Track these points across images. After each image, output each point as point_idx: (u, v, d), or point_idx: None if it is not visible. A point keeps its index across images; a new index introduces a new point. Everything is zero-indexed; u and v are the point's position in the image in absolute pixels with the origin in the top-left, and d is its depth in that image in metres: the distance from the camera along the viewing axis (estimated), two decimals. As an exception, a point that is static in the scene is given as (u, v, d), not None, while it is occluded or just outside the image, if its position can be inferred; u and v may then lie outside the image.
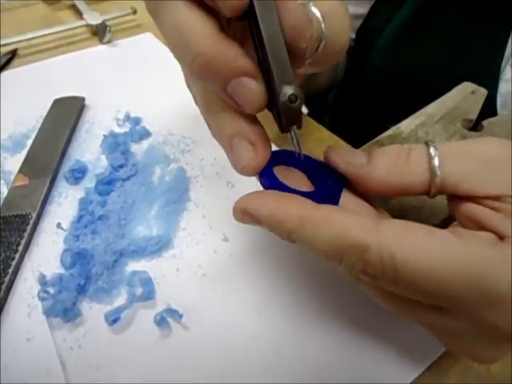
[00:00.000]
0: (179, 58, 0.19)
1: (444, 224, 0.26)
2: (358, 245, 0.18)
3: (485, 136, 0.27)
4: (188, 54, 0.18)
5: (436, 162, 0.19)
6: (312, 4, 0.20)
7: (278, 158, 0.22)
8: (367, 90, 0.51)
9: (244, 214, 0.20)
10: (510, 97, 0.39)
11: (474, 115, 0.33)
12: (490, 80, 0.39)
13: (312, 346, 0.25)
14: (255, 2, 0.17)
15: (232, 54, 0.18)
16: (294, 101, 0.18)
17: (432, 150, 0.20)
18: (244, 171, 0.20)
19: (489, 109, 0.39)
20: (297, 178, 0.22)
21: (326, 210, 0.19)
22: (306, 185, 0.22)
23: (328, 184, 0.22)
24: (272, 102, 0.19)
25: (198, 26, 0.18)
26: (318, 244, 0.19)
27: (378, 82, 0.49)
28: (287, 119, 0.19)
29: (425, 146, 0.20)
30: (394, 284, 0.18)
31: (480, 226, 0.19)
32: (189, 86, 0.24)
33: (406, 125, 0.33)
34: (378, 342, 0.25)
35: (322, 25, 0.19)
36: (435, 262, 0.17)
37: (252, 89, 0.18)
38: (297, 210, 0.19)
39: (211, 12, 0.18)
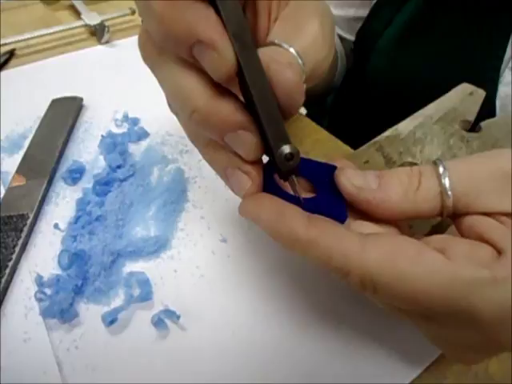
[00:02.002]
0: (177, 110, 0.20)
1: (437, 227, 0.26)
2: (340, 269, 0.18)
3: (497, 149, 0.26)
4: (185, 110, 0.18)
5: (447, 182, 0.19)
6: (290, 46, 0.20)
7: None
8: (367, 92, 0.51)
9: (246, 216, 0.21)
10: (508, 99, 0.39)
11: (472, 116, 0.33)
12: (489, 83, 0.39)
13: (310, 347, 0.25)
14: (244, 70, 0.17)
15: (227, 110, 0.18)
16: (291, 159, 0.19)
17: (441, 170, 0.19)
18: (244, 198, 0.21)
19: (488, 112, 0.39)
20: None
21: (314, 232, 0.19)
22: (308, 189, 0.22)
23: (331, 190, 0.22)
24: (269, 150, 0.19)
25: (194, 83, 0.18)
26: (308, 259, 0.19)
27: (377, 83, 0.49)
28: (285, 172, 0.20)
29: (433, 165, 0.20)
30: (376, 298, 0.19)
31: (480, 237, 0.19)
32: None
33: (404, 126, 0.33)
34: (377, 343, 0.25)
35: (300, 61, 0.20)
36: (419, 288, 0.17)
37: (248, 141, 0.19)
38: (287, 230, 0.19)
39: None
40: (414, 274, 0.17)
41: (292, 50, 0.19)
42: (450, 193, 0.19)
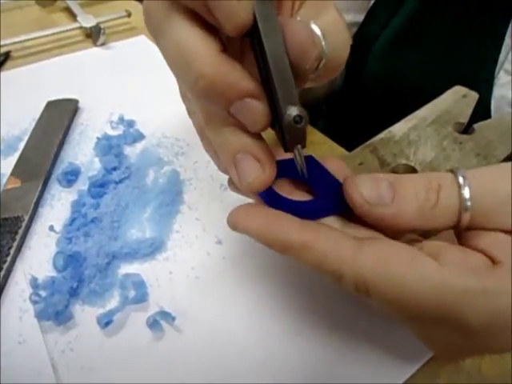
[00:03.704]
0: (180, 78, 0.18)
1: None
2: (334, 273, 0.18)
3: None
4: (190, 75, 0.17)
5: (466, 194, 0.18)
6: (312, 21, 0.19)
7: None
8: (363, 95, 0.52)
9: (235, 228, 0.20)
10: (503, 101, 0.40)
11: (465, 119, 0.33)
12: (484, 85, 0.40)
13: (304, 347, 0.25)
14: (259, 22, 0.17)
15: (235, 76, 0.17)
16: (299, 122, 0.18)
17: (461, 180, 0.19)
18: (249, 188, 0.19)
19: (483, 114, 0.39)
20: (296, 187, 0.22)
21: (307, 235, 0.18)
22: (305, 192, 0.22)
23: (328, 190, 0.21)
24: (275, 120, 0.19)
25: (201, 47, 0.17)
26: (302, 263, 0.19)
27: (373, 86, 0.50)
28: (292, 139, 0.19)
29: (452, 175, 0.19)
30: (369, 300, 0.19)
31: (475, 246, 0.19)
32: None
33: (398, 128, 0.33)
34: (371, 343, 0.25)
35: (323, 42, 0.19)
36: (411, 293, 0.17)
37: (256, 109, 0.18)
38: (280, 235, 0.18)
39: (213, 30, 0.18)
40: (407, 278, 0.17)
41: (314, 26, 0.19)
42: (469, 204, 0.18)
